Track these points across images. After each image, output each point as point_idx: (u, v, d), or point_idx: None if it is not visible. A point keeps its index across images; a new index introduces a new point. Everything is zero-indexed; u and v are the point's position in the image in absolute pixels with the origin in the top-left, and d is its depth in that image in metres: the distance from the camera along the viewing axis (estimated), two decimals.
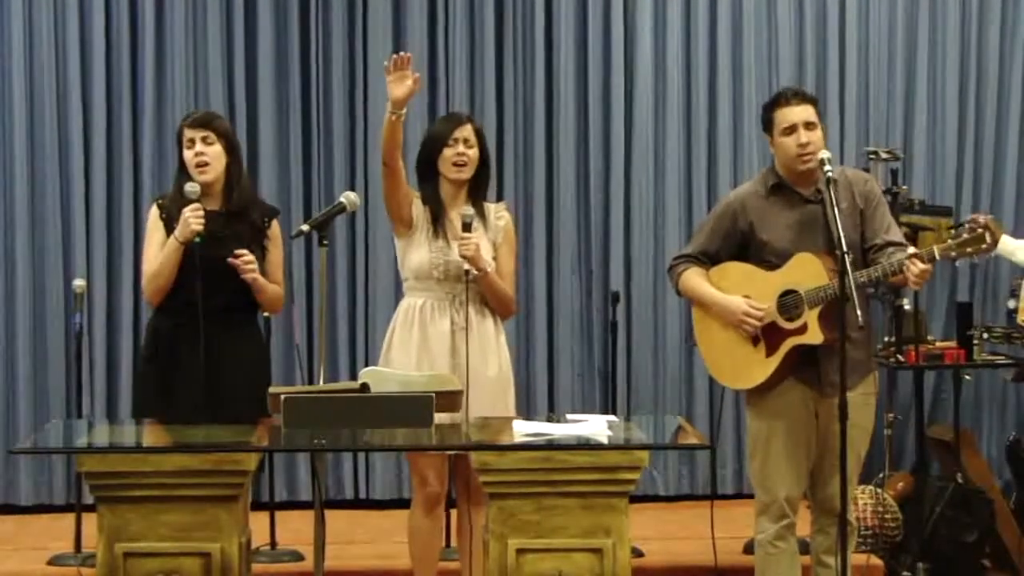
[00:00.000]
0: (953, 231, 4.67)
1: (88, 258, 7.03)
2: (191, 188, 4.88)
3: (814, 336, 4.66)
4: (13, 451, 6.00)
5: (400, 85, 4.78)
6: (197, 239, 4.83)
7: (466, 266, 4.85)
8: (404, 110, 4.82)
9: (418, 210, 5.00)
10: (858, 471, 4.91)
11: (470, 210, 4.91)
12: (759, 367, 4.75)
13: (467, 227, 4.86)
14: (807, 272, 4.66)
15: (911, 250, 4.62)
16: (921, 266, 4.50)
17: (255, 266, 4.94)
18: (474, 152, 4.99)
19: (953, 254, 4.57)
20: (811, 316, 4.66)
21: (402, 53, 4.86)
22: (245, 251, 4.93)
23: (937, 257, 4.53)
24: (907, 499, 6.10)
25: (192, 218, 4.84)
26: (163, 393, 4.94)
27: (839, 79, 7.30)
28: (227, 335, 4.93)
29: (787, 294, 4.71)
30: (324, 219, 4.69)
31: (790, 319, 4.70)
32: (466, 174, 4.99)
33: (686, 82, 7.30)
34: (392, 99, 4.79)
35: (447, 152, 4.97)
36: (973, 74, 7.34)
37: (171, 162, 5.34)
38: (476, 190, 5.05)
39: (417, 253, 4.97)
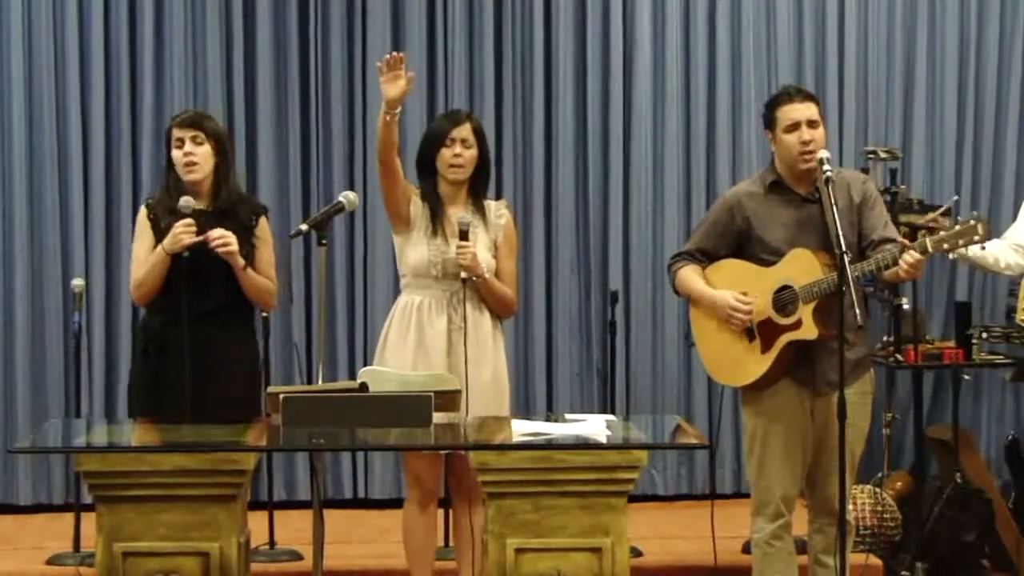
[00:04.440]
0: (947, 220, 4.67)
1: (87, 258, 7.03)
2: (185, 203, 4.85)
3: (808, 331, 4.65)
4: (12, 450, 5.99)
5: (393, 85, 4.77)
6: (185, 253, 4.84)
7: (463, 274, 4.85)
8: (398, 109, 4.81)
9: (416, 207, 4.99)
10: (853, 471, 4.90)
11: (467, 216, 4.90)
12: (754, 363, 4.75)
13: (464, 235, 4.84)
14: (802, 268, 4.66)
15: (904, 242, 4.61)
16: (914, 256, 4.50)
17: (231, 244, 4.88)
18: (471, 153, 4.97)
19: (946, 246, 4.56)
20: (805, 311, 4.65)
21: (395, 53, 4.85)
22: (218, 229, 4.88)
23: (930, 249, 4.52)
24: (906, 499, 6.11)
25: (184, 233, 4.84)
26: (153, 392, 4.94)
27: (838, 79, 7.30)
28: (218, 336, 4.92)
29: (782, 290, 4.71)
30: (323, 218, 4.69)
31: (785, 315, 4.70)
32: (462, 175, 4.98)
33: (685, 81, 7.30)
34: (386, 99, 4.77)
35: (444, 152, 4.95)
36: (972, 74, 7.34)
37: None
38: (476, 189, 5.04)
39: (415, 251, 4.96)
